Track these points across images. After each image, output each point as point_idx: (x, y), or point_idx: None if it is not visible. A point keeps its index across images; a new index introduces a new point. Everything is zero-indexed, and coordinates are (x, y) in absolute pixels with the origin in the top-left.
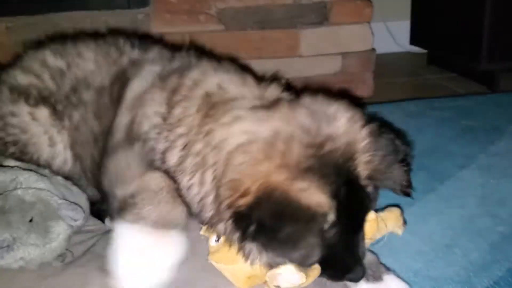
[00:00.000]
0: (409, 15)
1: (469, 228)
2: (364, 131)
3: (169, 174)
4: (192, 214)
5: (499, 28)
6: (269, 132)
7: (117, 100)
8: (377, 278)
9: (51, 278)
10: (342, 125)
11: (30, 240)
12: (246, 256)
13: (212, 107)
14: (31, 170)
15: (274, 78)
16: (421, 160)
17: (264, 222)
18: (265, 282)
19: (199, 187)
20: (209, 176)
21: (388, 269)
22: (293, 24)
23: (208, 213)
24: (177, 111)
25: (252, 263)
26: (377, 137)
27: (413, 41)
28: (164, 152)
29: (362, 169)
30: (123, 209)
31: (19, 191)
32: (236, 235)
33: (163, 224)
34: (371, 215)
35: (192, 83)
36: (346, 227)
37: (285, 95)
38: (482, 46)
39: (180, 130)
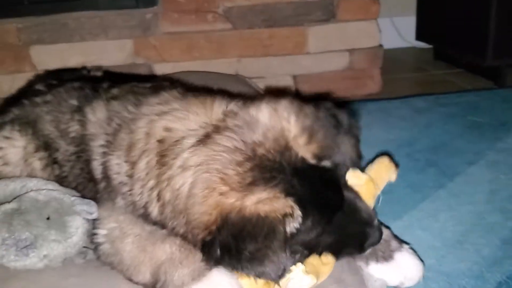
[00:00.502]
0: (415, 10)
1: (480, 224)
2: (292, 117)
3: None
4: None
5: (505, 24)
6: (205, 168)
7: None
8: (387, 257)
9: (74, 278)
10: (264, 124)
11: (51, 236)
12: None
13: (166, 153)
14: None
15: (219, 92)
16: (430, 156)
17: (227, 245)
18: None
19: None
20: (183, 223)
21: (401, 244)
22: (300, 22)
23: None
24: (141, 165)
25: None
26: (312, 117)
27: (419, 36)
28: (145, 207)
29: (304, 151)
30: None
31: (31, 193)
32: (209, 263)
33: (199, 274)
34: (361, 177)
35: (143, 135)
36: (327, 208)
37: (229, 111)
38: (488, 41)
39: (150, 183)
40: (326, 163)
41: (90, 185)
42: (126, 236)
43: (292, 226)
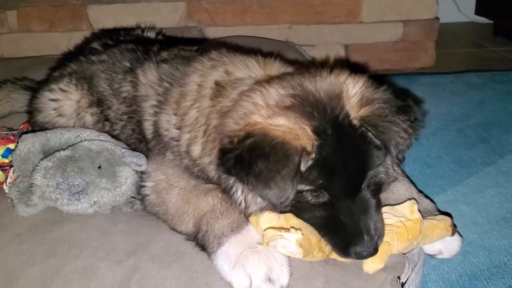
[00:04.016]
0: None
1: None
2: (353, 81)
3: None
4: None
5: None
6: (253, 94)
7: None
8: None
9: (122, 224)
10: (321, 83)
11: (101, 184)
12: (234, 199)
13: (224, 87)
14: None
15: (277, 56)
16: (481, 133)
17: (242, 156)
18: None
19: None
20: (218, 140)
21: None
22: None
23: (215, 171)
24: (191, 113)
25: (244, 208)
26: (376, 92)
27: (479, 11)
28: (188, 150)
29: (352, 110)
30: (203, 245)
31: (85, 143)
32: (220, 171)
33: (238, 226)
34: (415, 214)
35: (195, 86)
36: (342, 175)
37: (289, 69)
38: None
39: (199, 124)
40: (369, 132)
41: (141, 145)
42: (172, 188)
43: (304, 163)
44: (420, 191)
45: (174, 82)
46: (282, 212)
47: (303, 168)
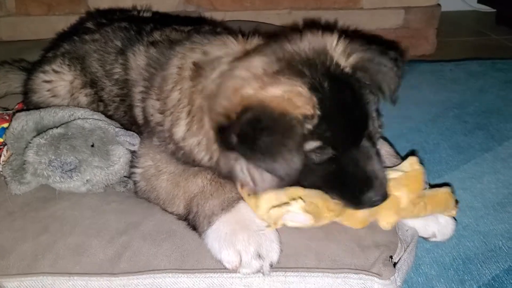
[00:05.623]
0: None
1: None
2: (331, 36)
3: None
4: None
5: None
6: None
7: None
8: None
9: (115, 203)
10: (304, 41)
11: (94, 162)
12: (241, 179)
13: (203, 68)
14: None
15: (255, 32)
16: (480, 120)
17: (244, 132)
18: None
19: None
20: (206, 120)
21: None
22: None
23: (203, 152)
24: (173, 95)
25: (251, 187)
26: (359, 41)
27: None
28: (171, 132)
29: (341, 59)
30: (194, 225)
31: (78, 121)
32: (221, 150)
33: (228, 204)
34: (415, 166)
35: (175, 69)
36: (343, 123)
37: (266, 41)
38: None
39: (181, 105)
40: (362, 76)
41: (134, 128)
42: (161, 173)
43: (310, 124)
44: None
45: (158, 67)
46: (289, 184)
47: (310, 127)
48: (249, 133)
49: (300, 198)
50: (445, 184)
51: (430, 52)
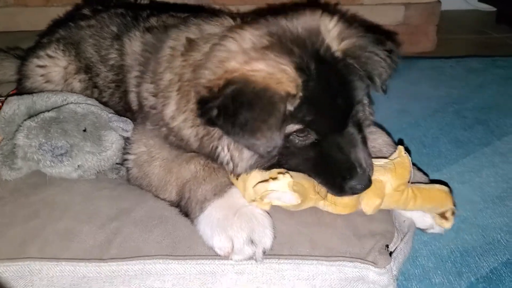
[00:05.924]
0: None
1: None
2: (329, 17)
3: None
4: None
5: None
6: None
7: None
8: None
9: (107, 190)
10: (298, 20)
11: (86, 147)
12: (220, 160)
13: (196, 41)
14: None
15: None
16: (479, 115)
17: (225, 106)
18: (256, 199)
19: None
20: (192, 95)
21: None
22: None
23: (190, 129)
24: (166, 76)
25: (232, 168)
26: (354, 25)
27: None
28: (162, 113)
29: (333, 42)
30: (186, 212)
31: (71, 105)
32: (202, 123)
33: (221, 190)
34: (402, 155)
35: (168, 51)
36: (327, 107)
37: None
38: None
39: (172, 82)
40: (352, 63)
41: (128, 114)
42: (154, 159)
43: (291, 104)
44: (414, 164)
45: (153, 51)
46: (269, 164)
47: (291, 108)
48: (230, 107)
49: (288, 172)
50: (445, 185)
51: (430, 49)
